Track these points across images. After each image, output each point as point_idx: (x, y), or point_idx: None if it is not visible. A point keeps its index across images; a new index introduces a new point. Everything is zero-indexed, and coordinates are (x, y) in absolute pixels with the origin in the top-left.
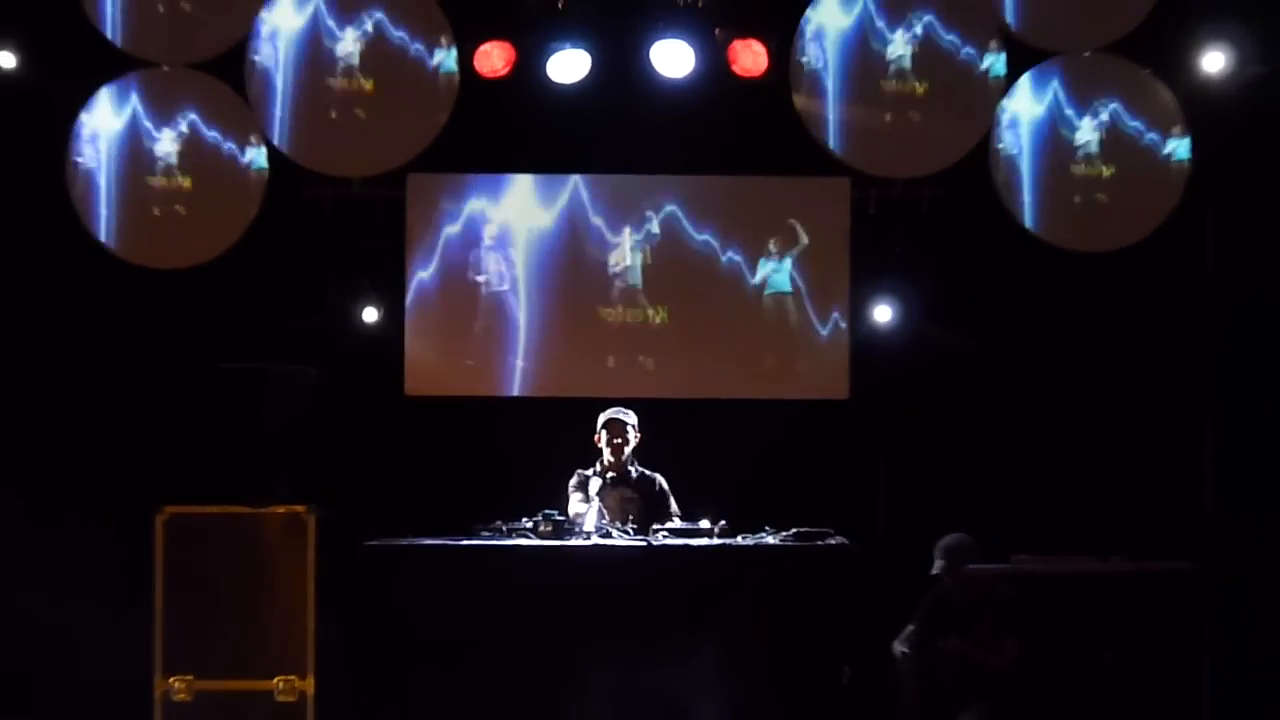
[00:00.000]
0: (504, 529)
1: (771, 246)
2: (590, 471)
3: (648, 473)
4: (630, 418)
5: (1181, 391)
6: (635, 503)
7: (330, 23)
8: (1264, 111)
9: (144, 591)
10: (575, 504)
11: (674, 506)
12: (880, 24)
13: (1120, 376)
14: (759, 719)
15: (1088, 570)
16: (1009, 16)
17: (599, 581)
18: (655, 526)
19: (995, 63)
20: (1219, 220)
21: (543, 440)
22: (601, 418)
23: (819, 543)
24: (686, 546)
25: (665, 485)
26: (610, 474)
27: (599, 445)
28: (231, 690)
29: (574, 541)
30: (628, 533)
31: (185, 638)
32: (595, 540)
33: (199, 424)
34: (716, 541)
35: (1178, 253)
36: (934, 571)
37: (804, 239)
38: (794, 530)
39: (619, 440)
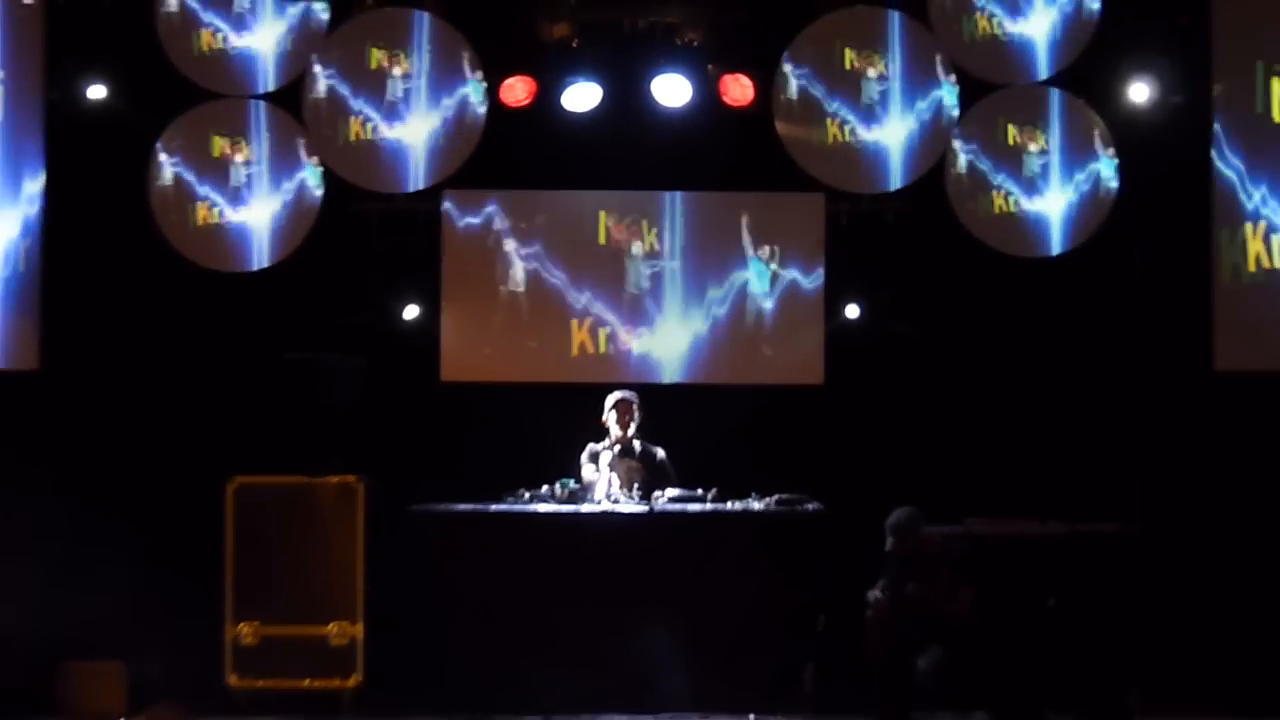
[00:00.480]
0: (526, 495)
1: (760, 253)
2: (600, 445)
3: (650, 446)
4: (634, 398)
5: (1111, 378)
6: (639, 472)
7: (380, 54)
8: (1182, 135)
9: (217, 549)
10: (587, 473)
11: (673, 475)
12: (852, 62)
13: (1058, 365)
14: (746, 656)
15: (1029, 531)
16: (960, 56)
17: (609, 540)
18: (657, 493)
19: (949, 95)
20: (1144, 228)
21: (559, 418)
22: (610, 399)
23: (798, 508)
24: (684, 510)
25: (665, 457)
26: (617, 447)
27: (606, 424)
28: (291, 635)
29: (587, 506)
30: (633, 499)
31: (252, 590)
32: (605, 506)
33: (265, 406)
34: (710, 506)
35: (1109, 257)
36: (887, 549)
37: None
38: (776, 497)
39: (626, 418)
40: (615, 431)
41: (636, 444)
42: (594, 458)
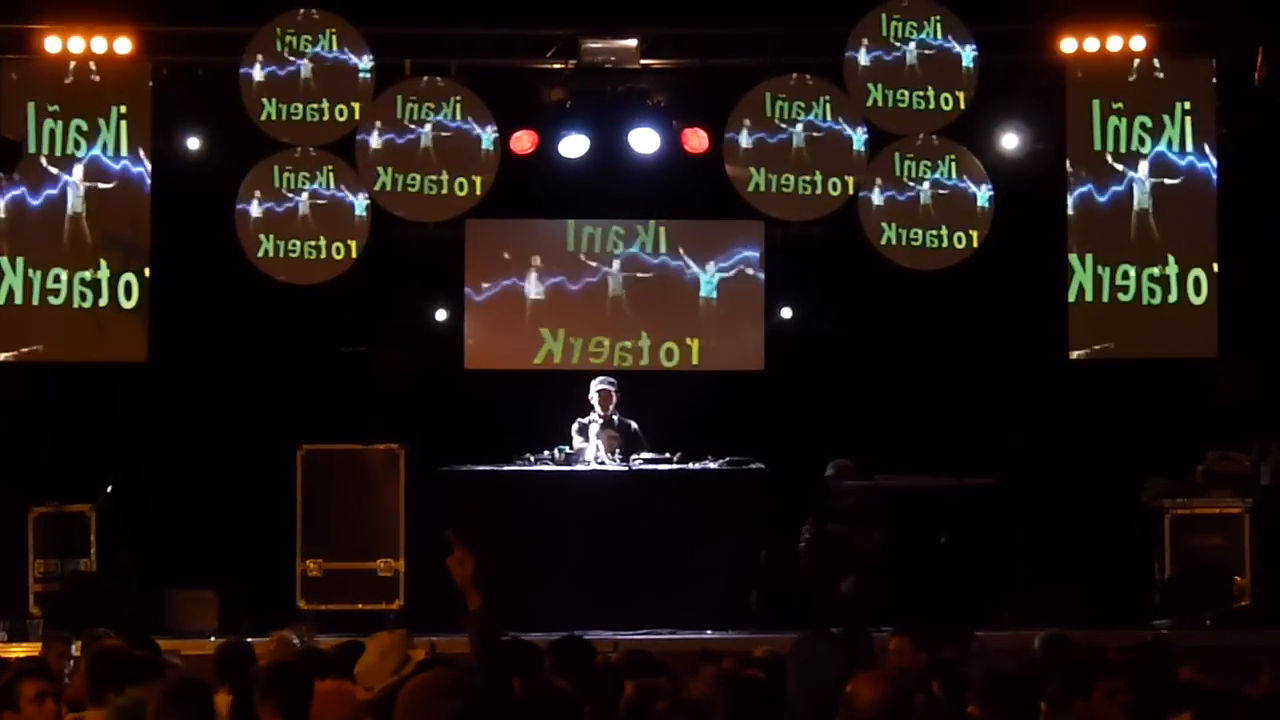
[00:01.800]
0: (531, 459)
1: (709, 267)
2: (587, 419)
3: (626, 420)
4: (613, 384)
5: (988, 365)
6: (618, 440)
7: (414, 110)
8: (1042, 174)
9: (289, 501)
10: (577, 441)
11: (644, 442)
12: (784, 117)
13: (952, 353)
14: (704, 583)
15: (926, 484)
16: (869, 114)
17: (596, 494)
18: (633, 456)
19: (862, 139)
20: (1015, 246)
21: (556, 398)
22: (594, 383)
23: (744, 467)
24: (655, 470)
25: (638, 428)
26: (600, 421)
27: (592, 403)
28: (347, 569)
29: (579, 467)
30: (615, 461)
31: (316, 533)
32: (593, 466)
33: (326, 390)
34: (675, 466)
35: (986, 271)
36: (826, 474)
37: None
38: (727, 459)
39: (606, 400)
40: (598, 409)
41: (615, 418)
42: (582, 430)
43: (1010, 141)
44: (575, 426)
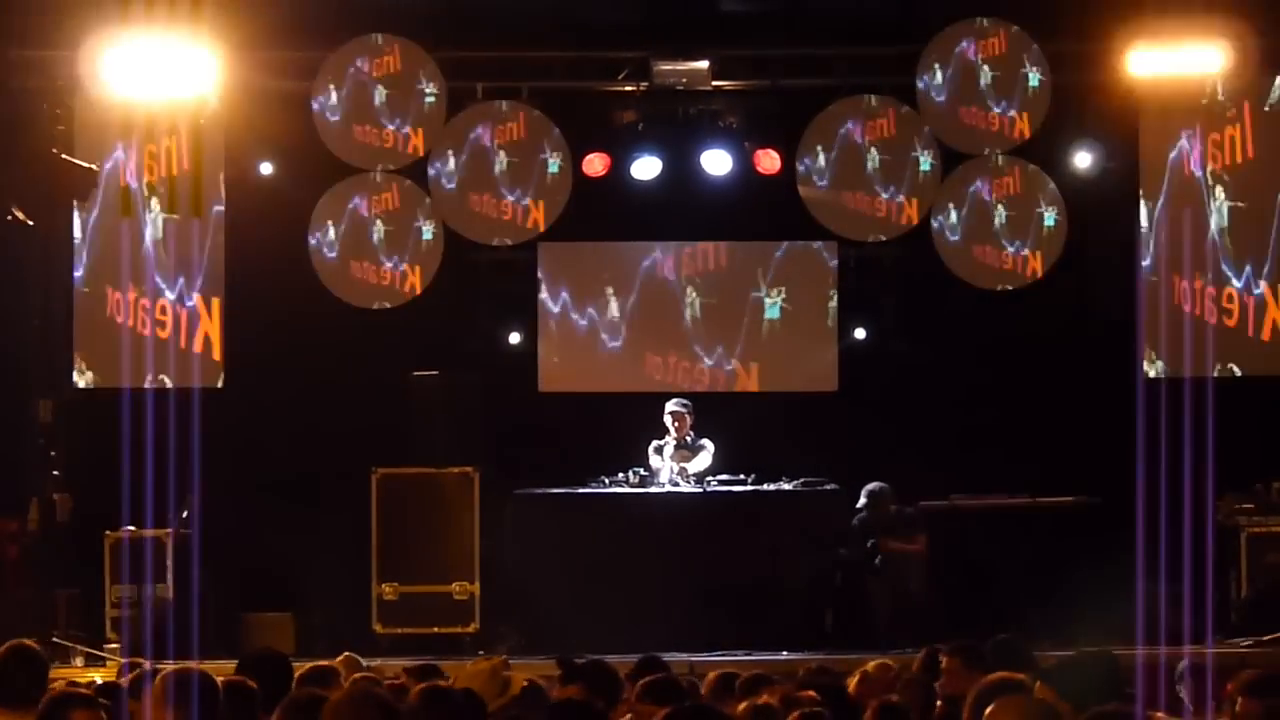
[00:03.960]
0: (606, 481)
1: (779, 289)
2: (662, 441)
3: (699, 440)
4: (686, 407)
5: (1068, 382)
6: (690, 459)
7: (486, 135)
8: (1115, 192)
9: (365, 525)
10: (654, 462)
11: (716, 461)
12: (856, 138)
13: (1025, 372)
14: (778, 605)
15: (1002, 503)
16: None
17: (670, 515)
18: (708, 478)
19: (931, 161)
20: (1087, 265)
21: (631, 420)
22: (669, 405)
23: (819, 488)
24: (730, 491)
25: (712, 447)
26: (675, 442)
27: (666, 424)
28: (423, 592)
29: (654, 489)
30: (689, 483)
31: (392, 557)
32: (668, 488)
33: (400, 413)
34: (750, 488)
35: (1060, 288)
36: (858, 505)
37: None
38: (801, 480)
39: (679, 422)
40: (673, 432)
41: (689, 438)
42: (659, 450)
43: (1082, 160)
44: (651, 447)
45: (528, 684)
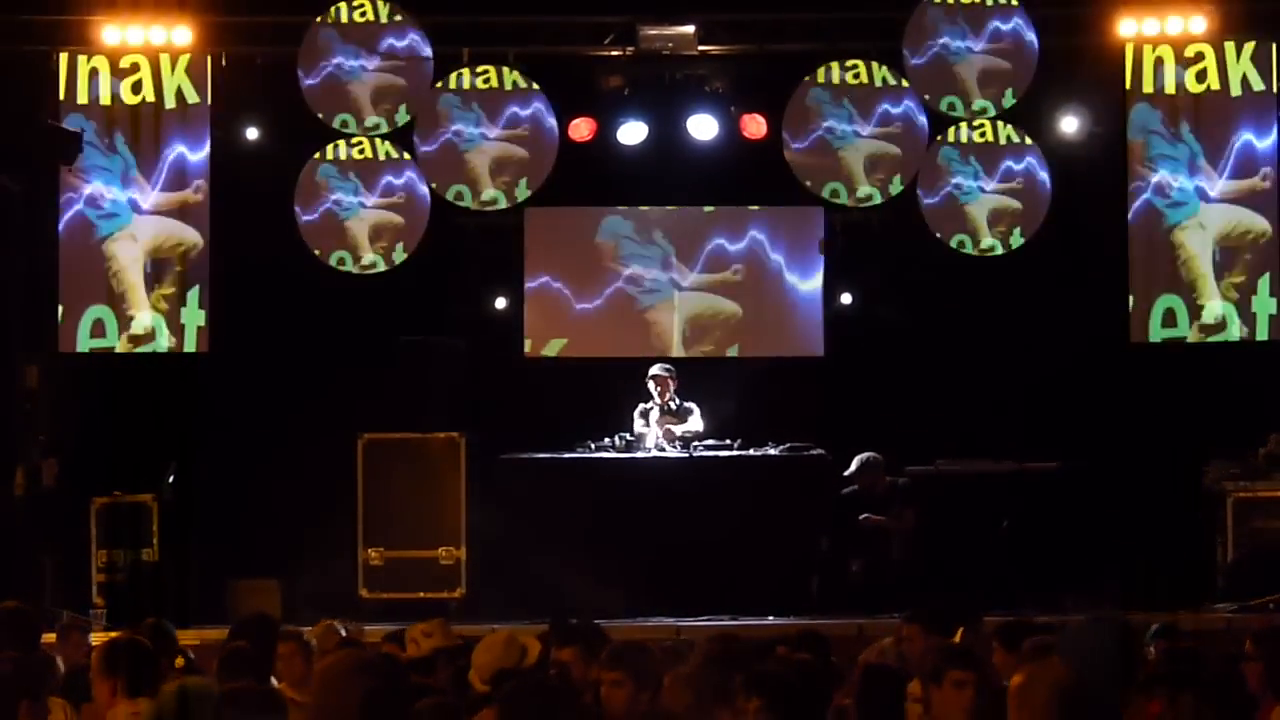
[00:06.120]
0: (591, 446)
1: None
2: (648, 405)
3: (685, 403)
4: (670, 371)
5: (1052, 347)
6: (675, 422)
7: (474, 100)
8: (1102, 155)
9: (350, 490)
10: (638, 427)
11: (703, 426)
12: (839, 101)
13: (1013, 337)
14: (764, 569)
15: (987, 469)
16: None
17: (656, 480)
18: (695, 442)
19: (921, 124)
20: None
21: (615, 384)
22: (652, 369)
23: (804, 453)
24: (716, 456)
25: (697, 412)
26: (659, 406)
27: (649, 388)
28: (409, 557)
29: (638, 454)
30: (675, 448)
31: (378, 522)
32: (653, 453)
33: (386, 378)
34: (736, 453)
35: (1044, 255)
36: (845, 474)
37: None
38: (787, 445)
39: (662, 387)
40: (656, 396)
41: (673, 403)
42: (644, 415)
43: (1069, 125)
44: (636, 411)
45: (543, 650)
